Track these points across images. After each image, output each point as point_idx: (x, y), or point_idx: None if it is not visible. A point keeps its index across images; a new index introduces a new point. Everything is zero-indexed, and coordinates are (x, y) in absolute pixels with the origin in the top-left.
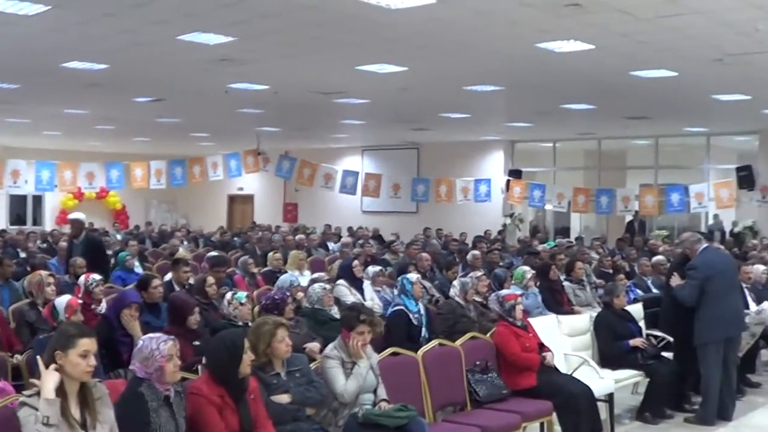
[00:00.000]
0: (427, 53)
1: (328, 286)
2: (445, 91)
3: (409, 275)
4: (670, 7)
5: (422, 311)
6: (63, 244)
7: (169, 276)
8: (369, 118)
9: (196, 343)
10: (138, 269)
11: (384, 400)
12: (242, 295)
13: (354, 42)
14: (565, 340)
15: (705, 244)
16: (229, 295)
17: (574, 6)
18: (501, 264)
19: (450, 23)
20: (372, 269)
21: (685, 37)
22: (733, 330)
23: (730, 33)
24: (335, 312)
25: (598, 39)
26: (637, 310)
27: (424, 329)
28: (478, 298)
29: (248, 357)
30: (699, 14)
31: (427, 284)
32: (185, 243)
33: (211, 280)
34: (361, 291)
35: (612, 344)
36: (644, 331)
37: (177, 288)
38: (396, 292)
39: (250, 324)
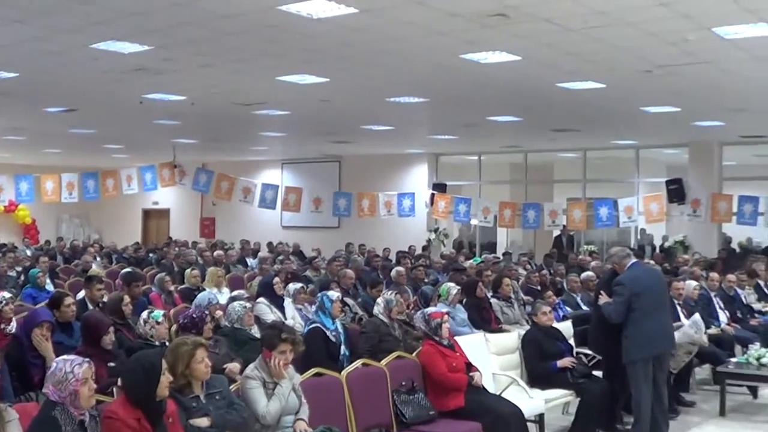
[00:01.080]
0: (349, 64)
1: (248, 305)
2: (368, 102)
3: (329, 292)
4: (599, 17)
5: (340, 329)
6: None
7: (82, 294)
8: (289, 130)
9: (111, 364)
10: (49, 287)
11: (301, 419)
12: (159, 313)
13: (274, 52)
14: (493, 359)
15: (633, 260)
16: (145, 314)
17: (501, 16)
18: (426, 281)
19: (373, 33)
20: (293, 286)
21: (613, 48)
22: (661, 347)
23: (659, 44)
24: (255, 331)
25: (524, 50)
26: (566, 327)
27: (343, 347)
28: (402, 317)
29: (166, 379)
30: (628, 25)
31: (351, 302)
32: (98, 259)
33: (127, 298)
34: (281, 309)
35: (540, 363)
36: (574, 349)
37: (90, 306)
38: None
39: (167, 344)
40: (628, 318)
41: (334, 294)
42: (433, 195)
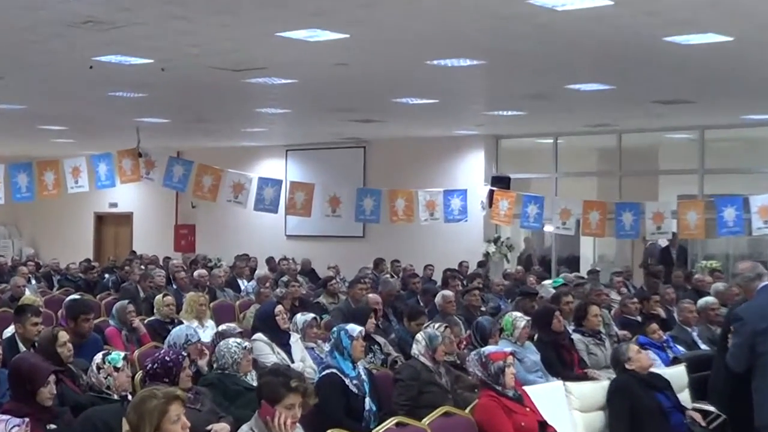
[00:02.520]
0: (375, 14)
1: (247, 344)
2: (402, 67)
3: (349, 326)
4: None
5: (364, 376)
6: None
7: (10, 330)
8: (296, 106)
9: (52, 426)
10: None
11: None
12: (118, 356)
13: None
14: (577, 416)
15: (765, 282)
16: (98, 357)
17: None
18: (483, 309)
19: None
20: (302, 318)
21: None
22: None
23: None
24: (252, 378)
25: None
26: (677, 374)
27: (368, 400)
28: (450, 358)
29: None
30: None
31: (381, 339)
32: (33, 282)
33: (64, 336)
34: (286, 348)
35: (633, 425)
36: (688, 405)
37: (23, 347)
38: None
39: (129, 398)
40: (755, 366)
41: (356, 328)
42: (492, 192)
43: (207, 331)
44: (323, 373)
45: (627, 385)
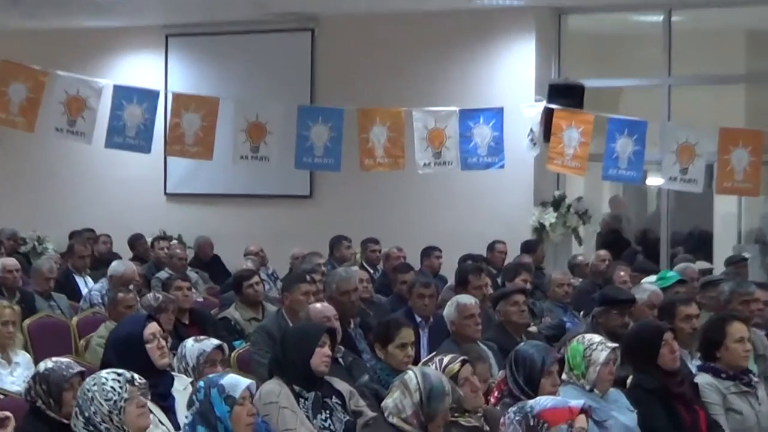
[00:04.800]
0: None
1: (138, 379)
2: None
3: (228, 379)
4: None
5: None
6: None
7: None
8: None
9: None
10: None
11: None
12: None
13: None
14: None
15: None
16: None
17: None
18: (532, 328)
19: None
20: (194, 347)
21: None
22: None
23: None
24: None
25: None
26: None
27: None
28: (471, 421)
29: None
30: None
31: (344, 387)
32: None
33: None
34: (165, 402)
35: None
36: None
37: None
38: None
39: None
40: None
41: (240, 383)
42: (549, 114)
43: (17, 372)
44: None
45: None
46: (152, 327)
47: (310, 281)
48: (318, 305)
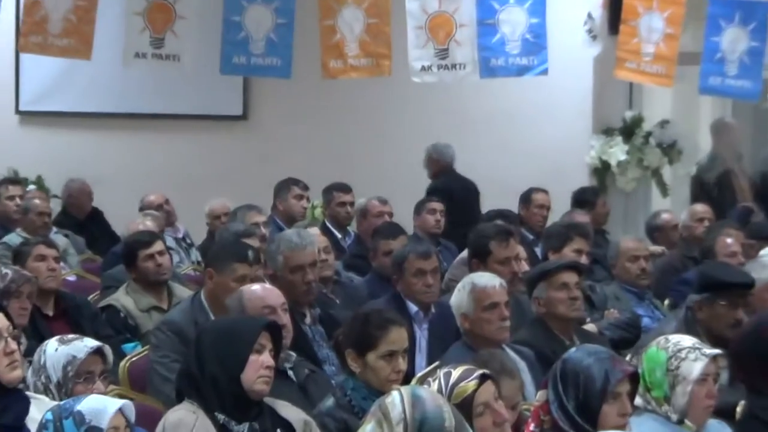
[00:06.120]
0: None
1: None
2: None
3: (88, 404)
4: None
5: None
6: None
7: None
8: None
9: None
10: None
11: None
12: None
13: None
14: None
15: None
16: None
17: None
18: (587, 324)
19: None
20: (60, 350)
21: None
22: None
23: None
24: None
25: None
26: None
27: None
28: None
29: None
30: None
31: (297, 417)
32: None
33: None
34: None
35: None
36: None
37: None
38: None
39: None
40: None
41: (107, 408)
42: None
43: None
44: None
45: None
46: None
47: (253, 259)
48: (256, 287)
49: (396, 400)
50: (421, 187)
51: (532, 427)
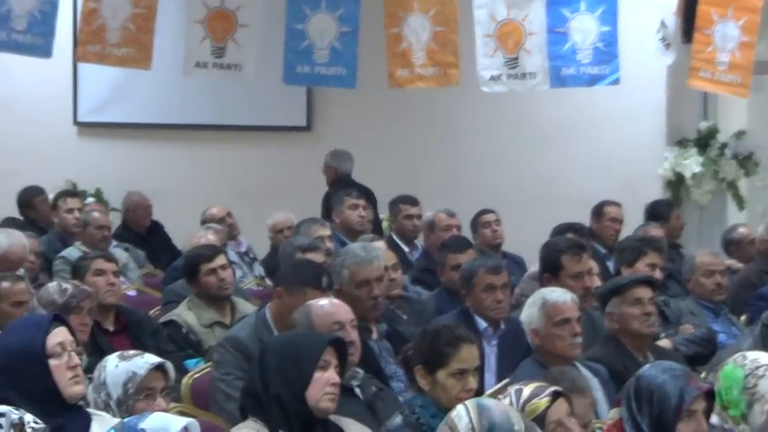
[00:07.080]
0: None
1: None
2: None
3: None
4: None
5: None
6: None
7: None
8: None
9: None
10: None
11: None
12: None
13: None
14: None
15: None
16: None
17: None
18: (661, 339)
19: None
20: (121, 366)
21: None
22: None
23: None
24: None
25: None
26: None
27: None
28: None
29: None
30: None
31: None
32: None
33: None
34: None
35: None
36: None
37: None
38: None
39: None
40: None
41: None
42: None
43: None
44: None
45: None
46: (59, 334)
47: (326, 286)
48: (324, 302)
49: (462, 412)
50: (491, 196)
51: None
